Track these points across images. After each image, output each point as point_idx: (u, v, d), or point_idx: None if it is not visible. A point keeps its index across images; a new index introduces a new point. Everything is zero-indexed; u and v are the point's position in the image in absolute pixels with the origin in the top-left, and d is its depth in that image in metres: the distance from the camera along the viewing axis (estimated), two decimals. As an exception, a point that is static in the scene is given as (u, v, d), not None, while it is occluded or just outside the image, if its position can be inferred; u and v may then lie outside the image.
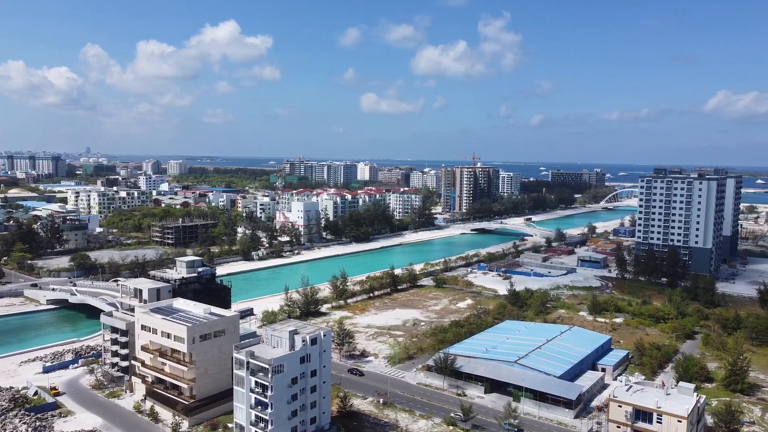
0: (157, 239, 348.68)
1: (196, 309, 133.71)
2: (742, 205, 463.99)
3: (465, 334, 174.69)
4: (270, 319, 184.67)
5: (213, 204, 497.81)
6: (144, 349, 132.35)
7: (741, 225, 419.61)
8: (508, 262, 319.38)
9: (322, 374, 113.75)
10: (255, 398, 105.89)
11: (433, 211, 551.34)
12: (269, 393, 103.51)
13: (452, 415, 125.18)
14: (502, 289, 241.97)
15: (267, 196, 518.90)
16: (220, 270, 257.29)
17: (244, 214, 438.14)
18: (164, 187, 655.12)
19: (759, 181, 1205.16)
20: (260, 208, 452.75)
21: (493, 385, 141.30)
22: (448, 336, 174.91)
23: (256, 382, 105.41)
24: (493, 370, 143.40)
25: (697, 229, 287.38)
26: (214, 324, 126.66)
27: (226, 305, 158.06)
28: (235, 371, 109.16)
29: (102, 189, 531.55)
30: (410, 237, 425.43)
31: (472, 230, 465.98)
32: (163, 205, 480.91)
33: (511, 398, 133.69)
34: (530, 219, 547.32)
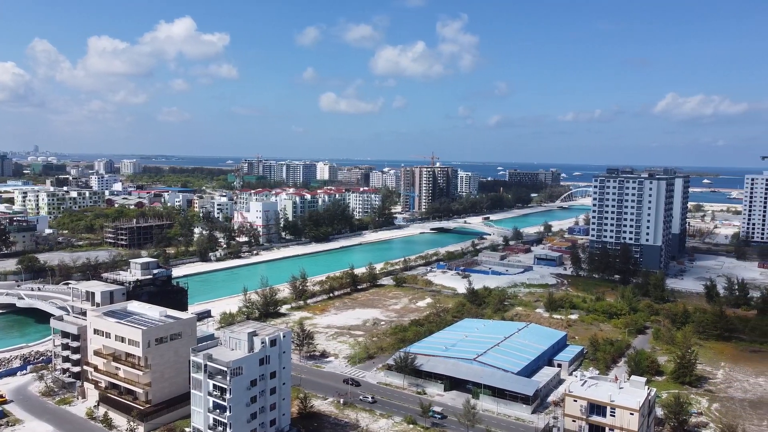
0: (110, 240, 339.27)
1: (152, 312, 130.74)
2: (690, 204, 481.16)
3: (425, 333, 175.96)
4: (228, 321, 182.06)
5: (169, 204, 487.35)
6: (97, 353, 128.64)
7: (689, 223, 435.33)
8: (467, 260, 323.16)
9: (282, 376, 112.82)
10: (213, 401, 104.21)
11: (392, 210, 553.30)
12: (228, 396, 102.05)
13: (431, 413, 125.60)
14: (461, 287, 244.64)
15: (225, 196, 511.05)
16: (177, 271, 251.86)
17: (201, 215, 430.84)
18: (117, 186, 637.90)
19: (705, 180, 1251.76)
20: (218, 209, 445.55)
21: (453, 383, 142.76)
22: (408, 335, 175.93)
23: (214, 385, 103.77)
24: (453, 367, 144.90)
25: (648, 228, 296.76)
26: (171, 327, 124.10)
27: (183, 307, 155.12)
28: (192, 374, 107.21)
29: (51, 189, 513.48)
30: (370, 236, 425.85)
31: (431, 229, 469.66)
32: (116, 205, 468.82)
33: (470, 395, 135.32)
34: (488, 218, 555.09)
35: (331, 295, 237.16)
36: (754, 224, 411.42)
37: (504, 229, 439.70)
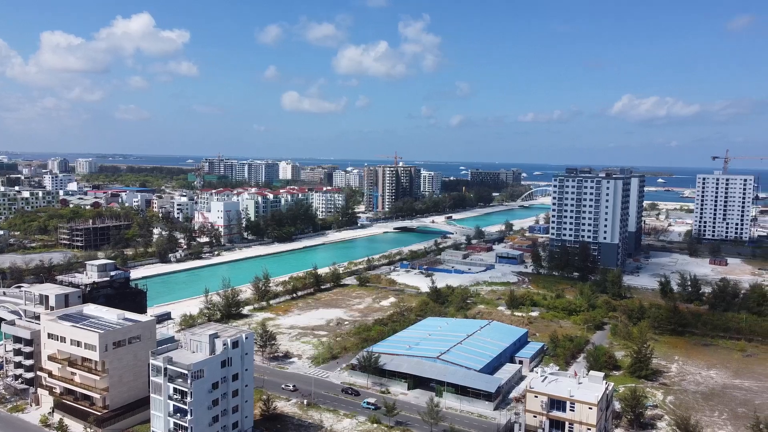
0: (65, 242, 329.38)
1: (109, 315, 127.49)
2: (645, 203, 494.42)
3: (388, 332, 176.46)
4: (189, 323, 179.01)
5: (126, 204, 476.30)
6: (51, 358, 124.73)
7: (644, 221, 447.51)
8: (430, 259, 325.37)
9: (245, 378, 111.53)
10: (174, 405, 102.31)
11: (356, 210, 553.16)
12: (189, 399, 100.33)
13: (364, 405, 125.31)
14: (424, 286, 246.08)
15: (185, 195, 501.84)
16: (135, 273, 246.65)
17: (160, 215, 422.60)
18: (72, 186, 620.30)
19: (659, 180, 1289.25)
20: (178, 209, 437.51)
21: (417, 381, 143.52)
22: (371, 334, 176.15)
23: (175, 389, 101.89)
24: (416, 366, 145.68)
25: (606, 226, 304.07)
26: (129, 330, 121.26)
27: (142, 310, 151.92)
28: (151, 378, 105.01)
29: (2, 189, 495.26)
30: (333, 236, 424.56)
31: (394, 229, 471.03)
32: (71, 205, 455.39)
33: (433, 393, 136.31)
34: (451, 217, 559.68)
35: (295, 295, 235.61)
36: (705, 222, 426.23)
37: (466, 228, 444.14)
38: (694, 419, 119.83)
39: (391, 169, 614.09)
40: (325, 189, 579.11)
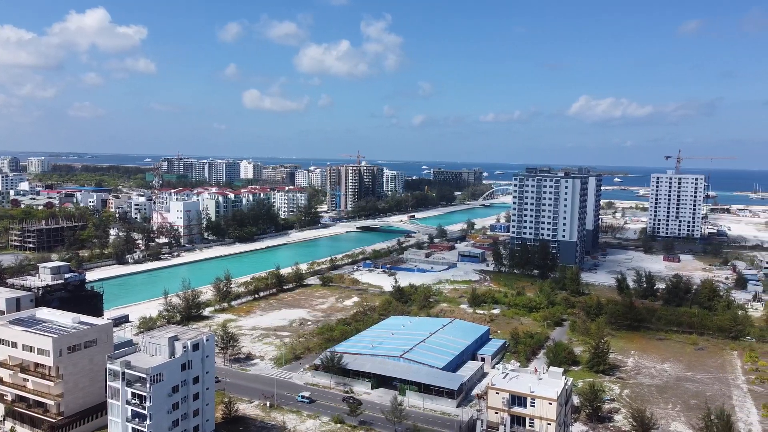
0: (16, 244, 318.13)
1: (63, 318, 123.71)
2: (602, 201, 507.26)
3: (352, 332, 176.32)
4: (148, 325, 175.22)
5: (81, 204, 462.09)
6: (2, 365, 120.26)
7: (601, 219, 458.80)
8: (393, 258, 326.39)
9: (205, 380, 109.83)
10: (132, 410, 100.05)
11: (318, 209, 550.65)
12: (147, 404, 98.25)
13: (299, 398, 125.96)
14: (388, 285, 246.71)
15: (143, 195, 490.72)
16: (91, 275, 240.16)
17: (117, 215, 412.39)
18: (24, 186, 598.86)
19: (616, 179, 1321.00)
20: (135, 209, 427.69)
21: (380, 381, 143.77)
22: (335, 334, 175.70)
23: (133, 393, 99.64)
24: (380, 365, 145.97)
25: (564, 224, 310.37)
26: (84, 334, 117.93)
27: (98, 313, 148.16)
28: (109, 383, 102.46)
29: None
30: (296, 236, 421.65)
31: (357, 228, 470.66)
32: (23, 206, 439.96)
33: (397, 392, 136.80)
34: (414, 216, 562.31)
35: (257, 296, 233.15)
36: (659, 220, 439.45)
37: (429, 227, 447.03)
38: (649, 411, 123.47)
39: (354, 168, 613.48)
40: (287, 188, 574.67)
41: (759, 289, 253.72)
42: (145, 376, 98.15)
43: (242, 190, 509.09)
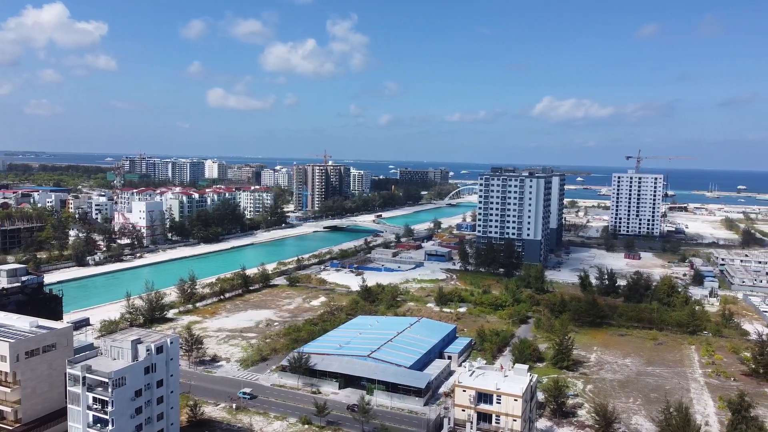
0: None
1: (20, 323, 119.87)
2: (566, 200, 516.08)
3: (319, 332, 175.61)
4: (110, 328, 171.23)
5: (39, 205, 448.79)
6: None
7: (565, 218, 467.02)
8: (360, 258, 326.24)
9: (170, 384, 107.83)
10: (93, 416, 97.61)
11: (285, 209, 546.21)
12: (109, 408, 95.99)
13: (240, 395, 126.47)
14: (355, 285, 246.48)
15: (104, 195, 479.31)
16: (50, 278, 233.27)
17: (76, 216, 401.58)
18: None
19: (578, 178, 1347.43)
20: (96, 209, 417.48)
21: (348, 380, 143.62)
22: (302, 335, 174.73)
23: (95, 398, 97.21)
24: (347, 365, 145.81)
25: (529, 223, 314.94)
26: (43, 338, 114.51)
27: (57, 316, 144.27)
28: (69, 388, 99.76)
29: None
30: (262, 236, 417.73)
31: (324, 228, 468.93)
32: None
33: (364, 392, 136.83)
34: (381, 216, 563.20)
35: (222, 297, 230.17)
36: (620, 218, 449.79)
37: (396, 226, 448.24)
38: (611, 406, 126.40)
39: (321, 167, 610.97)
40: (253, 188, 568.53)
41: (715, 285, 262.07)
42: (106, 380, 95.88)
43: (207, 190, 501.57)
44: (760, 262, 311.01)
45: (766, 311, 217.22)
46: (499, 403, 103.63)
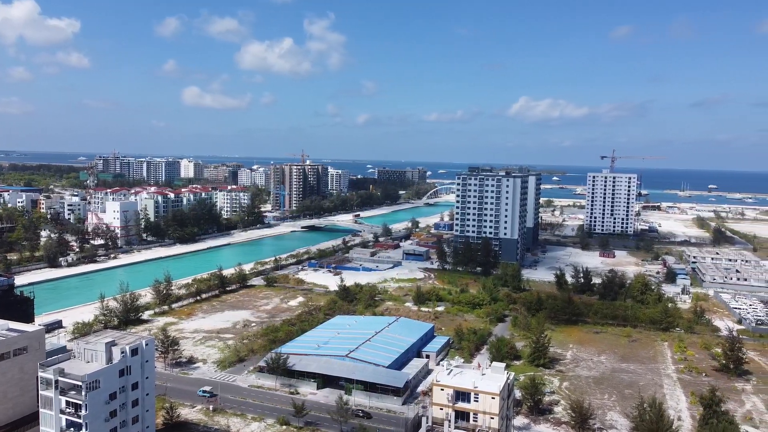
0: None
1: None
2: (542, 200, 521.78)
3: (297, 332, 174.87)
4: (83, 331, 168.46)
5: (9, 205, 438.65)
6: None
7: (541, 217, 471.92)
8: (338, 258, 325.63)
9: (145, 386, 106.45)
10: (66, 420, 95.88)
11: (262, 209, 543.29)
12: (83, 412, 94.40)
13: (200, 393, 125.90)
14: (333, 285, 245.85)
15: (76, 195, 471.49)
16: (20, 279, 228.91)
17: (48, 216, 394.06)
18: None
19: (554, 178, 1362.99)
20: (68, 209, 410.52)
21: (326, 380, 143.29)
22: (279, 335, 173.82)
23: (68, 402, 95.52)
24: (325, 365, 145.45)
25: (506, 222, 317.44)
26: (13, 341, 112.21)
27: (29, 319, 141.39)
28: (41, 392, 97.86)
29: None
30: (239, 236, 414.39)
31: (302, 228, 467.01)
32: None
33: (343, 392, 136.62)
34: (359, 215, 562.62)
35: (199, 298, 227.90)
36: (595, 217, 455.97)
37: (374, 226, 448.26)
38: (586, 402, 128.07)
39: (298, 167, 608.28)
40: (229, 188, 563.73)
41: (687, 282, 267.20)
42: (80, 383, 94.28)
43: (183, 190, 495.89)
44: (730, 260, 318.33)
45: (736, 308, 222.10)
46: (477, 401, 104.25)
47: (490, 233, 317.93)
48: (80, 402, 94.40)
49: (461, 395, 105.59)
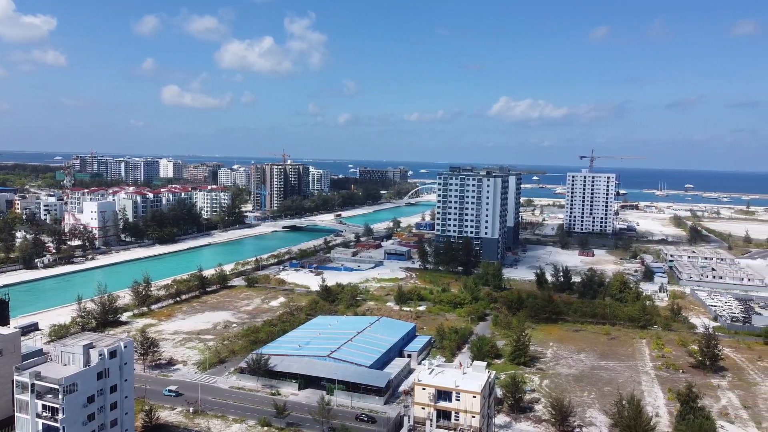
0: None
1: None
2: (522, 199, 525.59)
3: (278, 333, 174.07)
4: (60, 333, 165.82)
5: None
6: None
7: (521, 216, 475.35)
8: (320, 258, 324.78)
9: (124, 389, 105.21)
10: (43, 424, 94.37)
11: (243, 209, 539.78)
12: (60, 416, 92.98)
13: (165, 392, 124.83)
14: (314, 285, 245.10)
15: (53, 195, 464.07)
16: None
17: (24, 216, 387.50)
18: None
19: (535, 177, 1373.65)
20: (45, 210, 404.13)
21: (308, 381, 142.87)
22: (261, 336, 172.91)
23: (44, 406, 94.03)
24: (307, 365, 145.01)
25: (487, 222, 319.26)
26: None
27: (4, 321, 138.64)
28: (16, 396, 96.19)
29: None
30: (220, 236, 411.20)
31: (283, 228, 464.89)
32: None
33: (324, 392, 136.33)
34: (340, 215, 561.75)
35: (179, 299, 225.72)
36: (575, 216, 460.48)
37: (356, 225, 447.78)
38: (567, 400, 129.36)
39: (279, 167, 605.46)
40: (209, 187, 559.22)
41: (664, 280, 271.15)
42: (57, 386, 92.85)
43: (162, 190, 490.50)
44: (706, 258, 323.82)
45: (712, 305, 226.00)
46: (458, 400, 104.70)
47: (471, 233, 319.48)
48: (57, 406, 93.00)
49: (443, 394, 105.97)
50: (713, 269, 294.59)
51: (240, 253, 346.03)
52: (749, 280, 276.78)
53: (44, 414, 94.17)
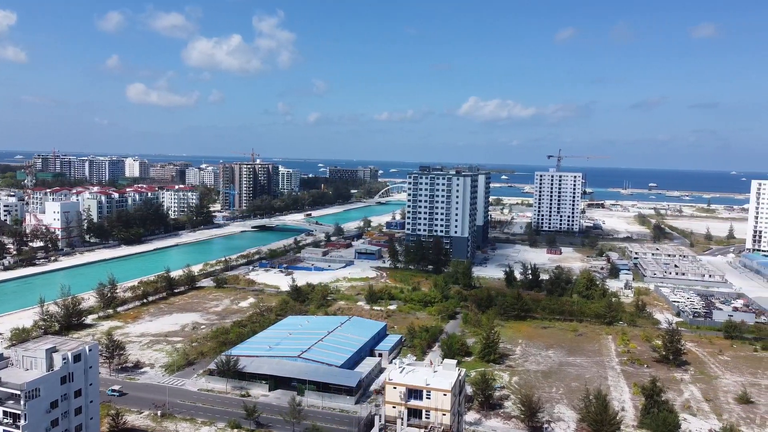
0: None
1: None
2: (491, 198, 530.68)
3: (248, 334, 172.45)
4: (21, 337, 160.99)
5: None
6: None
7: (490, 215, 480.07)
8: (290, 258, 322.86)
9: (89, 393, 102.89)
10: (4, 430, 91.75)
11: (211, 209, 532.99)
12: (22, 422, 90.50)
13: (109, 392, 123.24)
14: (285, 285, 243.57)
15: (13, 195, 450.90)
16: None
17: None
18: None
19: (503, 176, 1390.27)
20: (5, 210, 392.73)
21: (278, 382, 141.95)
22: (230, 337, 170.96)
23: (5, 412, 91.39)
24: (277, 366, 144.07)
25: (457, 220, 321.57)
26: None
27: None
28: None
29: None
30: (188, 237, 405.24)
31: (253, 227, 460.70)
32: None
33: (295, 392, 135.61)
34: (310, 215, 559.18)
35: (145, 300, 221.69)
36: (542, 215, 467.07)
37: (326, 225, 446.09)
38: (535, 396, 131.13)
39: (248, 166, 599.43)
40: (177, 187, 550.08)
41: (629, 277, 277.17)
42: (18, 392, 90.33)
43: (128, 189, 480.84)
44: (669, 255, 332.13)
45: (675, 301, 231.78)
46: (429, 398, 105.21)
47: (441, 231, 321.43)
48: (19, 412, 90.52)
49: (414, 393, 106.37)
50: (676, 266, 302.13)
51: (209, 253, 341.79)
52: (710, 276, 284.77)
53: (5, 421, 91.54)
